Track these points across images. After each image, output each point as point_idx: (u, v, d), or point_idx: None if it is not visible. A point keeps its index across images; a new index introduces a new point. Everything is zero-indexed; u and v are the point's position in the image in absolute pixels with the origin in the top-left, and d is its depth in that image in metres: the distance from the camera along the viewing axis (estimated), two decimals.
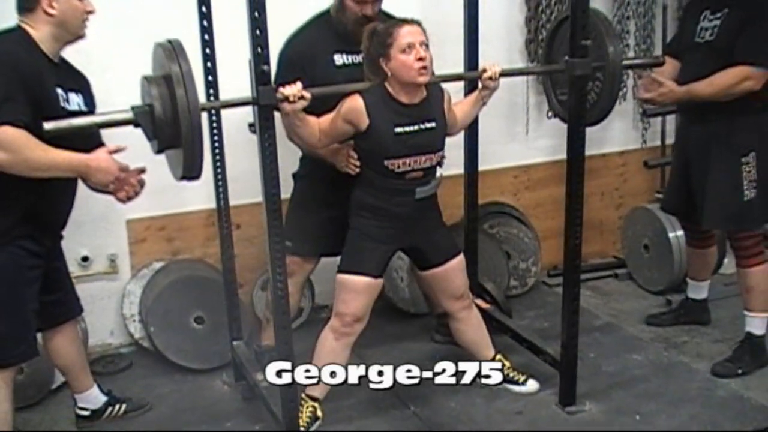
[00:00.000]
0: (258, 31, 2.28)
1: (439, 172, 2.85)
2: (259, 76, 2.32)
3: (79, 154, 2.38)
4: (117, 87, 2.83)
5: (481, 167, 3.42)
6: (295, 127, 2.64)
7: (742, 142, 3.16)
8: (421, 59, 2.59)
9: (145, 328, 3.52)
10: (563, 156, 2.95)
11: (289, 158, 3.02)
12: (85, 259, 3.53)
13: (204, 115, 2.98)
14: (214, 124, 3.03)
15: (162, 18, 3.22)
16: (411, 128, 2.70)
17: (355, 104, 2.66)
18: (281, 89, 2.43)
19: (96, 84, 2.74)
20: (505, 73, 2.86)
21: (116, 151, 2.44)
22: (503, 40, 4.12)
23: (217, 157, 3.06)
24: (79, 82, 2.64)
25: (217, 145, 3.05)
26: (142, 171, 2.57)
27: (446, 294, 3.03)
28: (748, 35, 3.02)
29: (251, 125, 2.55)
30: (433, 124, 2.75)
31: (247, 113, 2.51)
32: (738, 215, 3.21)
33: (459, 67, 3.20)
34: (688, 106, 3.31)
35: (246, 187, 3.07)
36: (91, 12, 2.56)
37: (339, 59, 2.95)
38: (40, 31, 2.47)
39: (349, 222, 2.85)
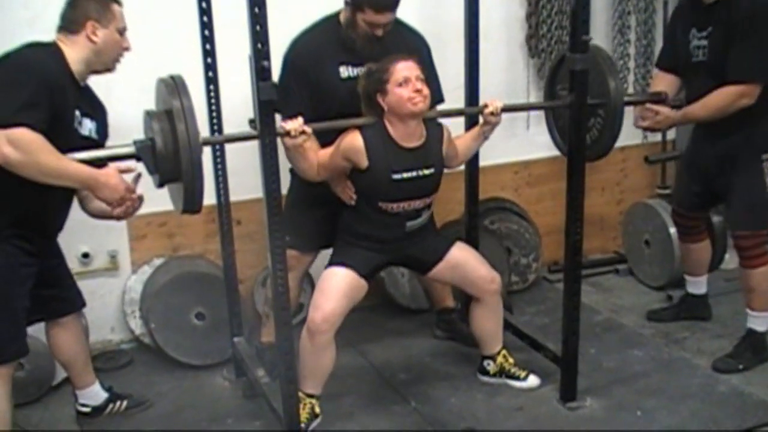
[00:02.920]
0: (258, 27, 2.28)
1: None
2: (260, 72, 2.32)
3: (89, 167, 2.40)
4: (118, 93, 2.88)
5: (481, 163, 3.41)
6: (295, 160, 2.70)
7: (762, 141, 3.17)
8: (417, 91, 2.64)
9: (146, 324, 3.52)
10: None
11: None
12: (85, 255, 3.53)
13: (205, 113, 3.00)
14: (215, 121, 3.03)
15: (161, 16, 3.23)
16: (408, 175, 2.76)
17: (354, 144, 2.70)
18: (282, 124, 2.50)
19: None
20: (506, 109, 2.89)
21: (126, 171, 2.46)
22: (504, 36, 4.11)
23: (218, 153, 3.06)
24: (96, 110, 2.67)
25: None
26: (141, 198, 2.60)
27: (468, 281, 3.06)
28: (734, 55, 3.03)
29: (251, 121, 2.55)
30: (431, 170, 2.81)
31: (248, 109, 2.50)
32: (763, 214, 3.21)
33: (460, 64, 3.19)
34: (705, 126, 3.28)
35: (246, 183, 3.07)
36: (127, 49, 2.62)
37: (344, 71, 2.94)
38: (75, 54, 2.51)
39: (336, 241, 2.93)
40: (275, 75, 2.35)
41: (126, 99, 2.83)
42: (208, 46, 2.94)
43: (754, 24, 2.99)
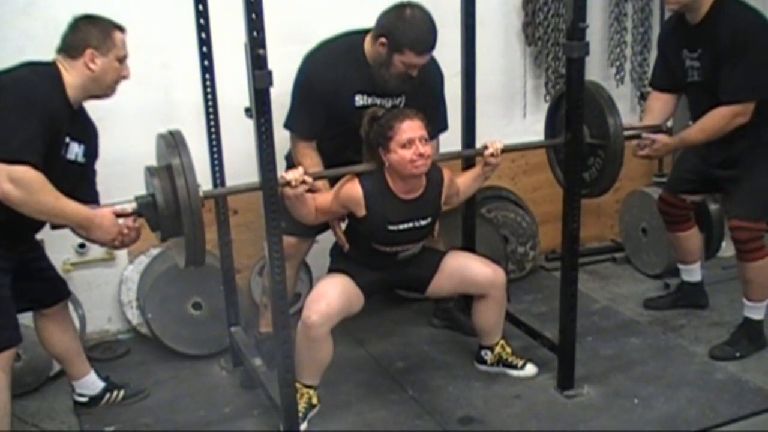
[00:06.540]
0: (254, 15, 2.26)
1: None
2: (255, 60, 2.30)
3: (86, 209, 2.41)
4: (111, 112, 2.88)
5: None
6: (294, 207, 2.71)
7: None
8: (420, 155, 2.64)
9: (143, 314, 3.51)
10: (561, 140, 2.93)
11: (284, 142, 3.01)
12: (82, 245, 3.51)
13: (200, 100, 2.99)
14: (211, 110, 3.01)
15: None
16: (404, 226, 2.79)
17: (353, 193, 2.72)
18: (284, 174, 2.53)
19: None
20: (507, 149, 2.90)
21: (122, 215, 2.46)
22: (500, 24, 4.10)
23: (214, 142, 3.05)
24: (86, 132, 2.65)
25: (213, 130, 3.04)
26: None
27: (468, 283, 3.07)
28: (724, 77, 3.04)
29: (248, 110, 2.53)
30: (428, 221, 2.84)
31: (244, 97, 2.49)
32: (764, 204, 3.20)
33: (456, 51, 3.17)
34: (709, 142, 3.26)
35: (243, 172, 3.06)
36: (125, 77, 2.61)
37: (359, 100, 2.95)
38: (73, 78, 2.50)
39: (330, 258, 2.98)
40: (271, 65, 2.33)
41: (120, 90, 2.81)
42: (203, 35, 2.92)
43: (739, 44, 3.00)
